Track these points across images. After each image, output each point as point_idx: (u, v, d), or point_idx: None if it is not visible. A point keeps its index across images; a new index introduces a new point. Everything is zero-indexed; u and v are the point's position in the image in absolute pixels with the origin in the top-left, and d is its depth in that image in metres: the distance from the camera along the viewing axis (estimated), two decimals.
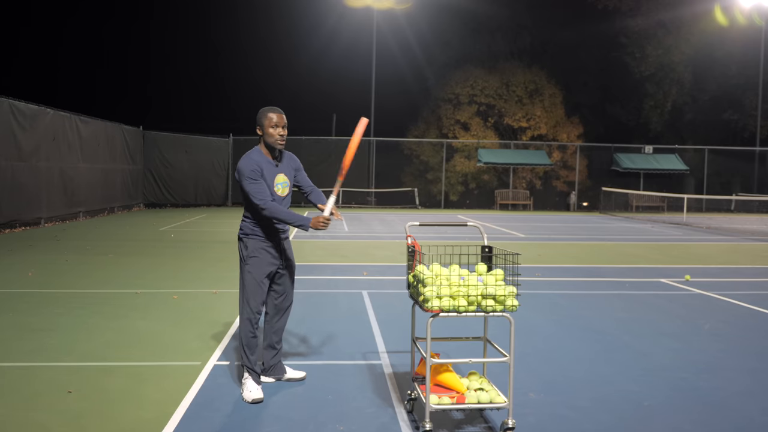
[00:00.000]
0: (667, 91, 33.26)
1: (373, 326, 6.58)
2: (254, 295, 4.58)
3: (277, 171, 4.64)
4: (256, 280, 4.58)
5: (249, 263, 4.60)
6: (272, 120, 4.57)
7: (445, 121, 32.01)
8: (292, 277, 4.82)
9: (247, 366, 4.55)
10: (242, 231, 4.68)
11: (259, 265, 4.59)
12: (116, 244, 13.33)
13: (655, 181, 31.30)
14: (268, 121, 4.57)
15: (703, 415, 4.31)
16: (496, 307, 3.82)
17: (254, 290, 4.58)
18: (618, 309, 7.62)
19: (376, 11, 31.05)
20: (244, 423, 4.09)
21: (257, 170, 4.52)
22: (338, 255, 12.01)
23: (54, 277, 9.24)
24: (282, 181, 4.65)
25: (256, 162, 4.55)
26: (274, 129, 4.57)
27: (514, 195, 30.57)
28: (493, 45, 34.08)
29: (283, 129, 4.60)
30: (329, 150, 29.45)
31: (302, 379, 4.85)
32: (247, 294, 4.58)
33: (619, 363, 5.45)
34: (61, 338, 5.95)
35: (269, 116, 4.58)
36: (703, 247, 14.47)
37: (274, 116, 4.58)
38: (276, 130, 4.57)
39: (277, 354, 4.82)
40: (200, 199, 26.86)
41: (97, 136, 20.76)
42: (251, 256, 4.60)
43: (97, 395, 4.51)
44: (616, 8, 33.02)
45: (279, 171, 4.64)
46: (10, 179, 15.41)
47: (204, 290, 8.38)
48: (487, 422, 4.15)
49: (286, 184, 4.67)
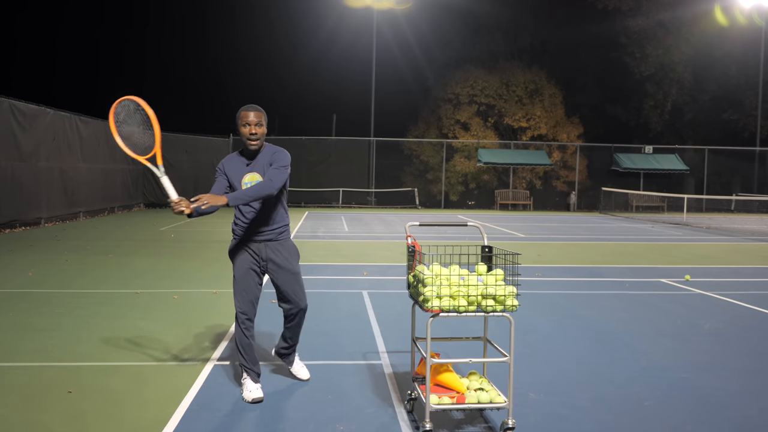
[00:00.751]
0: (667, 91, 33.27)
1: (373, 326, 6.58)
2: (238, 295, 4.52)
3: (248, 170, 4.52)
4: (238, 280, 4.54)
5: (233, 264, 4.60)
6: (244, 118, 4.45)
7: (445, 121, 32.02)
8: (289, 283, 4.57)
9: (244, 366, 4.53)
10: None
11: (238, 265, 4.56)
12: (116, 244, 13.33)
13: (655, 181, 31.30)
14: (241, 119, 4.47)
15: (703, 415, 4.31)
16: (496, 307, 3.82)
17: (238, 290, 4.53)
18: (618, 309, 7.62)
19: (376, 11, 31.05)
20: (244, 423, 4.09)
21: (219, 169, 4.55)
22: (338, 255, 12.01)
23: (54, 277, 9.24)
24: (252, 180, 4.50)
25: (227, 161, 4.57)
26: (244, 127, 4.45)
27: (514, 195, 30.58)
28: (493, 45, 34.08)
29: (256, 127, 4.43)
30: (329, 150, 29.46)
31: (306, 380, 4.85)
32: (234, 294, 4.56)
33: (619, 363, 5.45)
34: (61, 338, 5.95)
35: (241, 114, 4.47)
36: (703, 247, 14.47)
37: (247, 114, 4.44)
38: (246, 128, 4.43)
39: (289, 348, 4.85)
40: None
41: (97, 136, 20.77)
42: (233, 257, 4.60)
43: (97, 395, 4.51)
44: (616, 8, 33.03)
45: (250, 170, 4.52)
46: (10, 179, 15.41)
47: (204, 290, 8.38)
48: (487, 422, 4.15)
49: None
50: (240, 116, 4.47)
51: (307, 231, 16.48)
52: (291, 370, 4.90)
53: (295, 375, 4.88)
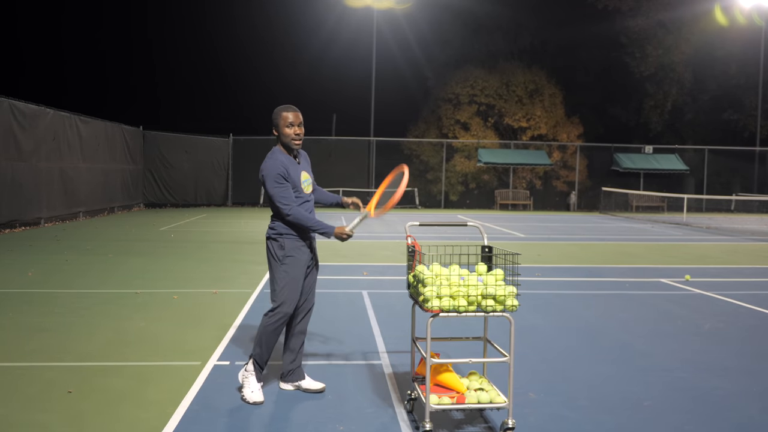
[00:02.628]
0: (667, 91, 33.26)
1: (373, 326, 6.58)
2: (293, 295, 4.46)
3: (301, 169, 4.56)
4: (295, 280, 4.47)
5: (286, 263, 4.46)
6: (287, 119, 4.47)
7: (445, 121, 32.01)
8: (315, 279, 4.74)
9: (257, 361, 4.46)
10: (275, 231, 4.51)
11: (296, 264, 4.48)
12: (116, 244, 13.33)
13: (655, 181, 31.30)
14: (283, 120, 4.47)
15: (703, 415, 4.31)
16: (496, 307, 3.82)
17: (293, 289, 4.46)
18: (618, 309, 7.62)
19: (376, 11, 31.04)
20: (244, 423, 4.09)
21: (283, 173, 4.42)
22: (338, 255, 12.01)
23: (54, 277, 9.24)
24: (306, 178, 4.59)
25: (282, 163, 4.45)
26: (289, 128, 4.47)
27: (514, 195, 30.57)
28: (493, 45, 34.07)
29: (299, 127, 4.49)
30: (329, 150, 29.46)
31: (321, 390, 4.61)
32: (285, 294, 4.43)
33: (619, 363, 5.45)
34: (61, 338, 5.95)
35: (284, 115, 4.48)
36: (703, 247, 14.47)
37: (289, 115, 4.47)
38: (292, 129, 4.47)
39: (296, 359, 4.67)
40: (200, 199, 26.86)
41: (97, 136, 20.77)
42: (288, 256, 4.47)
43: (97, 395, 4.51)
44: (616, 8, 33.01)
45: (302, 169, 4.58)
46: (10, 179, 15.41)
47: (204, 290, 8.38)
48: (487, 422, 4.15)
49: (309, 182, 4.61)
50: (283, 117, 4.48)
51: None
52: (303, 387, 4.64)
53: (309, 389, 4.62)
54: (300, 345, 4.69)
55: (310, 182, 4.64)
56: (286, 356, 4.67)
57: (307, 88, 42.20)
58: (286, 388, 4.67)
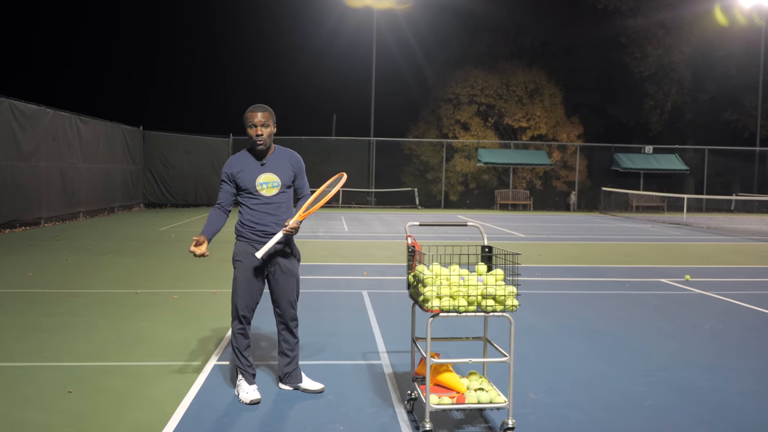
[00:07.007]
0: (667, 91, 33.25)
1: (373, 326, 6.58)
2: (240, 298, 4.44)
3: (263, 170, 4.44)
4: (242, 284, 4.45)
5: (235, 266, 4.48)
6: (248, 119, 4.40)
7: (445, 121, 32.02)
8: (286, 289, 4.51)
9: (239, 367, 4.50)
10: (235, 231, 4.55)
11: (242, 268, 4.44)
12: (116, 244, 13.33)
13: (655, 181, 31.30)
14: (246, 120, 4.41)
15: (703, 415, 4.31)
16: (496, 307, 3.82)
17: (240, 292, 4.44)
18: (618, 309, 7.62)
19: (376, 11, 31.05)
20: (243, 423, 4.09)
21: (228, 173, 4.46)
22: (338, 255, 12.01)
23: (54, 277, 9.24)
24: (269, 180, 4.43)
25: (235, 162, 4.48)
26: (251, 129, 4.39)
27: (514, 195, 30.57)
28: (493, 45, 34.07)
29: (261, 128, 4.36)
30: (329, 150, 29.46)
31: (320, 391, 4.59)
32: (234, 296, 4.47)
33: (619, 363, 5.45)
34: (61, 338, 5.95)
35: (247, 115, 4.41)
36: (703, 247, 14.47)
37: (251, 115, 4.39)
38: (253, 129, 4.38)
39: (291, 362, 4.61)
40: (200, 199, 26.84)
41: (97, 136, 20.77)
42: (237, 260, 4.48)
43: (97, 395, 4.51)
44: (616, 8, 33.01)
45: (265, 170, 4.44)
46: (10, 179, 15.41)
47: (204, 290, 8.38)
48: (487, 422, 4.15)
49: (274, 184, 4.42)
50: (246, 117, 4.40)
51: (307, 231, 16.47)
52: (302, 388, 4.63)
53: (308, 389, 4.61)
54: (290, 349, 4.62)
55: (277, 185, 4.43)
56: (281, 360, 4.66)
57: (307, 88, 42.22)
58: (285, 388, 4.68)
